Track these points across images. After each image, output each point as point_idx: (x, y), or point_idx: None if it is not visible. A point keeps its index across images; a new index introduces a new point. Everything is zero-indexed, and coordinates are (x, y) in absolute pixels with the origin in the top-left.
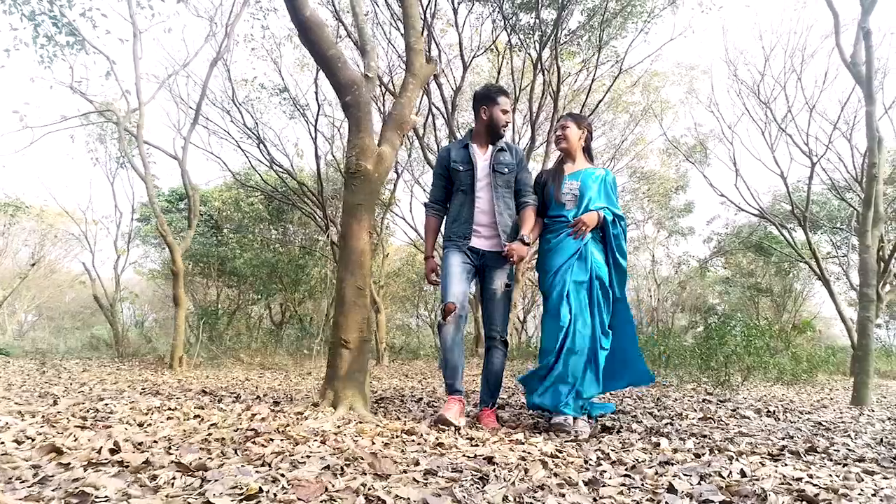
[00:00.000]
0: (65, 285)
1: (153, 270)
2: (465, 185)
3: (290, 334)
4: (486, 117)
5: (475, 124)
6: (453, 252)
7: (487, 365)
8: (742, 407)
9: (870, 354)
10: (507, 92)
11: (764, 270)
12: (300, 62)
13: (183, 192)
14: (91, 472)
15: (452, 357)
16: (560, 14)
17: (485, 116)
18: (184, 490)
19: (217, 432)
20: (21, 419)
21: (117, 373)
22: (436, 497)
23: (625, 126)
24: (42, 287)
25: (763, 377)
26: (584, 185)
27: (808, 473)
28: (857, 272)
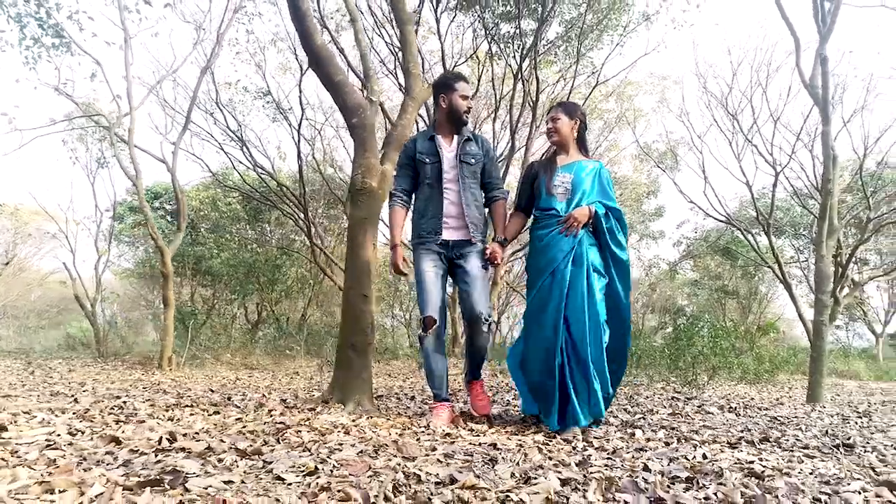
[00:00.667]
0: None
1: (127, 269)
2: (431, 177)
3: (268, 334)
4: (446, 105)
5: (437, 114)
6: (424, 258)
7: (472, 342)
8: (707, 404)
9: (823, 355)
10: (465, 77)
11: (731, 273)
12: (283, 66)
13: (158, 191)
14: (162, 456)
15: (437, 367)
16: (540, 26)
17: (444, 104)
18: (251, 469)
19: (248, 426)
20: (55, 415)
21: (106, 373)
22: (459, 473)
23: (599, 133)
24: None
25: (728, 376)
26: (577, 179)
27: (759, 458)
28: (813, 279)
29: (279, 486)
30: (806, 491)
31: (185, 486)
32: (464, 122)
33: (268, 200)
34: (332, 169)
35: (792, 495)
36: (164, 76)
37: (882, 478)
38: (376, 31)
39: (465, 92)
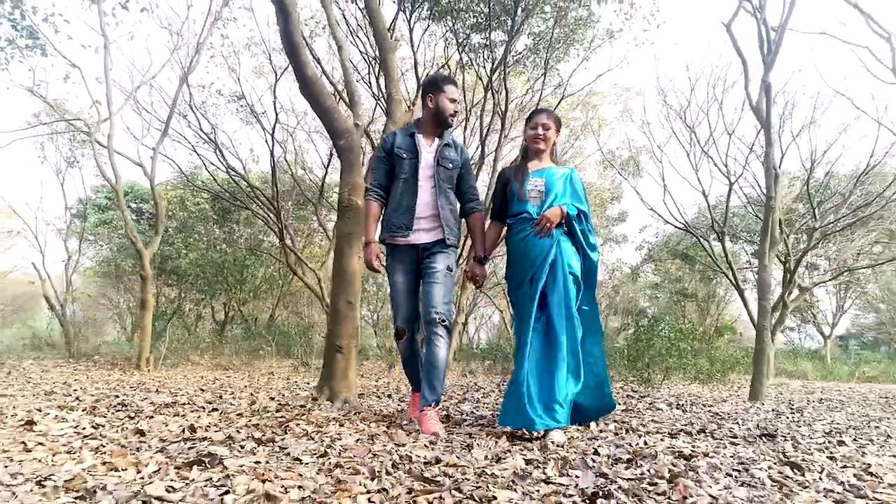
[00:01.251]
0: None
1: (88, 268)
2: (406, 173)
3: (237, 335)
4: (433, 106)
5: (422, 113)
6: (395, 268)
7: (428, 356)
8: (658, 401)
9: (764, 357)
10: (454, 81)
11: (690, 277)
12: (257, 70)
13: (125, 190)
14: (189, 444)
15: (415, 368)
16: (510, 39)
17: (431, 105)
18: (271, 453)
19: (252, 420)
20: (66, 412)
21: (83, 373)
22: (443, 454)
23: (565, 140)
24: None
25: (683, 376)
26: (549, 183)
27: (692, 445)
28: (756, 287)
29: (298, 466)
30: (722, 468)
31: (223, 465)
32: (448, 124)
33: (237, 201)
34: (303, 170)
35: (710, 471)
36: (142, 82)
37: (788, 460)
38: (350, 39)
39: (452, 95)
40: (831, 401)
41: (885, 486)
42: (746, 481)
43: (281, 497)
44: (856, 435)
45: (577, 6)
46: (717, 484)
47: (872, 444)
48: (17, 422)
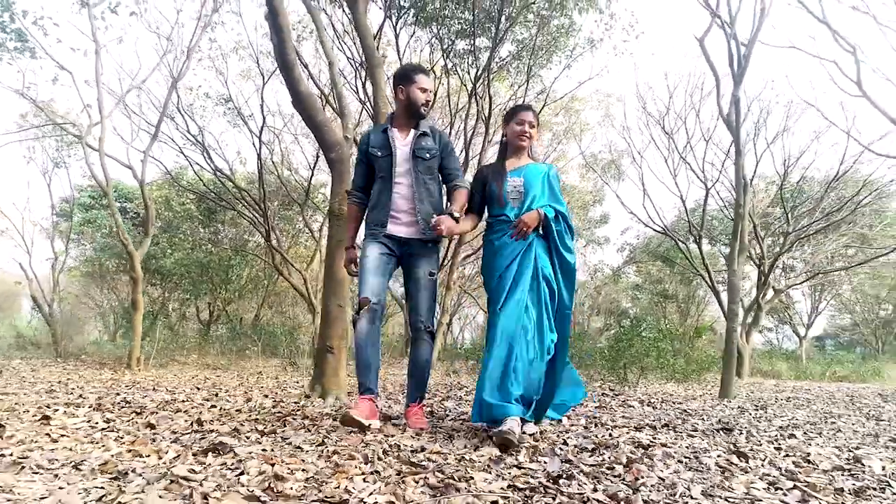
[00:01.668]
0: None
1: (73, 268)
2: (383, 171)
3: (222, 334)
4: (404, 97)
5: (395, 107)
6: (370, 243)
7: (414, 358)
8: (631, 399)
9: (733, 357)
10: (425, 70)
11: (671, 278)
12: (245, 73)
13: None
14: (199, 435)
15: (365, 354)
16: (494, 47)
17: (402, 97)
18: (274, 443)
19: (250, 415)
20: (74, 409)
21: (75, 372)
22: (427, 444)
23: (548, 144)
24: None
25: (660, 376)
26: (528, 182)
27: (653, 437)
28: (727, 291)
29: (300, 453)
30: (675, 456)
31: (234, 452)
32: (421, 114)
33: (222, 201)
34: (289, 171)
35: (664, 459)
36: (132, 87)
37: (737, 449)
38: (336, 43)
39: (424, 84)
40: (798, 399)
41: (819, 472)
42: (694, 467)
43: (288, 478)
44: (809, 429)
45: (559, 15)
46: (668, 468)
47: (821, 437)
48: (33, 417)
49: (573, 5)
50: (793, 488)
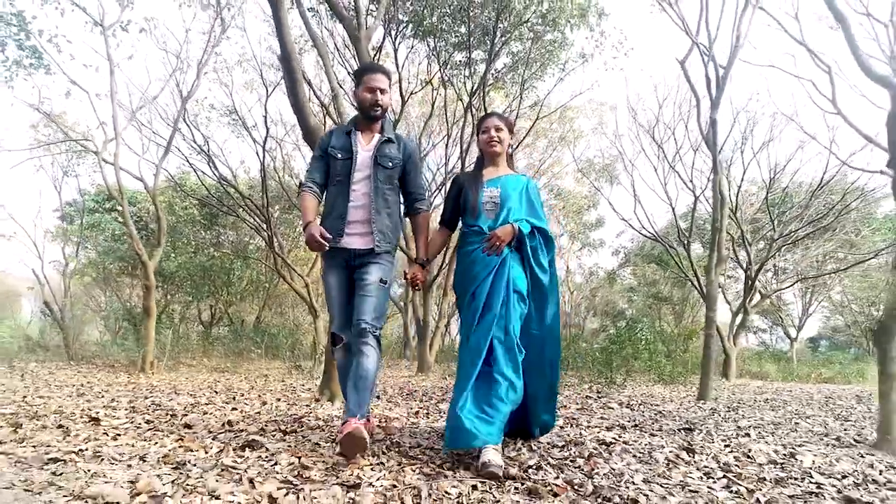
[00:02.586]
0: None
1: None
2: (341, 174)
3: (224, 337)
4: (355, 98)
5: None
6: (329, 271)
7: (356, 367)
8: (612, 401)
9: (711, 361)
10: (377, 68)
11: (665, 281)
12: (248, 85)
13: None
14: (233, 434)
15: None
16: (489, 62)
17: (354, 98)
18: (296, 440)
19: (270, 417)
20: (112, 410)
21: (92, 375)
22: (423, 441)
23: (543, 150)
24: None
25: (648, 378)
26: (505, 193)
27: (619, 435)
28: (704, 300)
29: (319, 448)
30: (631, 451)
31: (265, 447)
32: (371, 116)
33: (224, 206)
34: (290, 177)
35: (621, 454)
36: (144, 103)
37: (688, 446)
38: (337, 56)
39: (371, 83)
40: (775, 400)
41: (755, 465)
42: (645, 460)
43: (312, 467)
44: (769, 429)
45: (551, 30)
46: (622, 461)
47: (773, 437)
48: (83, 419)
49: (565, 22)
50: (722, 477)
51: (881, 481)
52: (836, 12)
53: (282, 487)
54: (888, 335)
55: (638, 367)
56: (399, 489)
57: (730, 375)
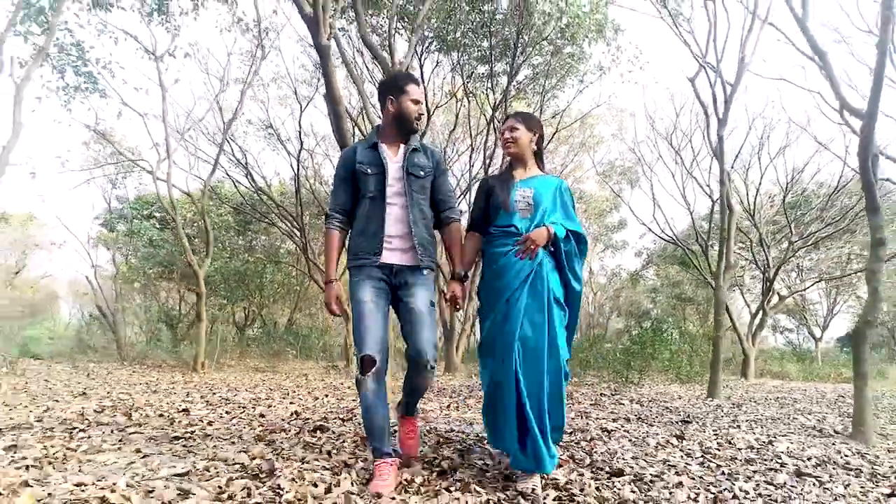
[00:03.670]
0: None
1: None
2: (373, 190)
3: (259, 337)
4: (395, 109)
5: (382, 119)
6: (361, 284)
7: (411, 382)
8: (624, 398)
9: (719, 362)
10: (417, 80)
11: (689, 281)
12: (283, 101)
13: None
14: (302, 421)
15: (377, 418)
16: (510, 75)
17: (392, 108)
18: (355, 425)
19: (326, 408)
20: (190, 404)
21: (149, 375)
22: (456, 427)
23: (565, 155)
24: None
25: (665, 378)
26: (538, 194)
27: (622, 425)
28: (713, 304)
29: None
30: (628, 437)
31: (332, 430)
32: (413, 129)
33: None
34: (320, 184)
35: (619, 438)
36: (192, 126)
37: (679, 434)
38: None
39: (415, 96)
40: (786, 399)
41: (733, 449)
42: (638, 444)
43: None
44: (764, 423)
45: (570, 44)
46: (618, 444)
47: (761, 428)
48: (179, 409)
49: (583, 37)
50: (700, 457)
51: (840, 462)
52: (815, 48)
53: (352, 457)
54: (861, 340)
55: (656, 367)
56: (439, 459)
57: (748, 375)
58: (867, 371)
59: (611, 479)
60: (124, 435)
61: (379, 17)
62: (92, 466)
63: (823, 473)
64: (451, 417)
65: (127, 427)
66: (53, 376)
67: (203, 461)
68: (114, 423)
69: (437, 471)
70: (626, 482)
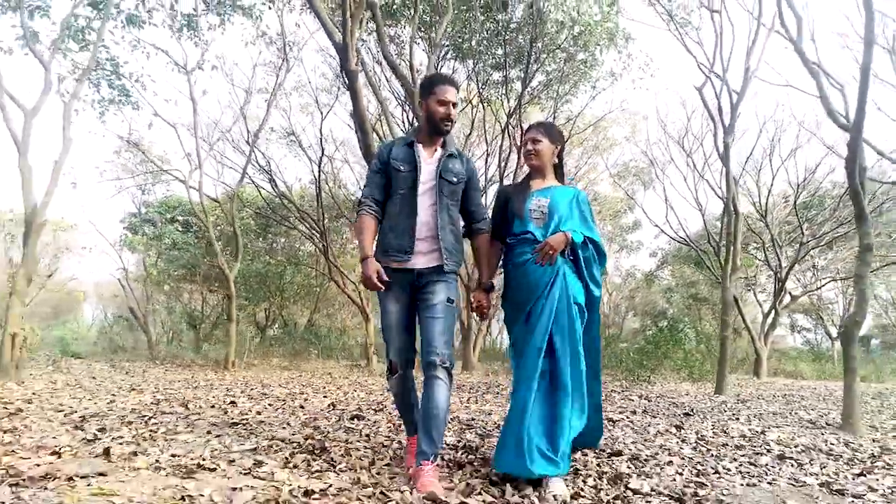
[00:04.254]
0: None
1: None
2: (404, 187)
3: (280, 337)
4: (424, 110)
5: (421, 120)
6: (390, 294)
7: (426, 401)
8: (633, 394)
9: (726, 360)
10: (449, 80)
11: (704, 281)
12: (304, 109)
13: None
14: (340, 410)
15: (406, 400)
16: (525, 81)
17: (423, 109)
18: (387, 414)
19: (357, 401)
20: (233, 397)
21: (184, 373)
22: (477, 416)
23: (579, 157)
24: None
25: (678, 377)
26: (554, 203)
27: (627, 417)
28: (721, 305)
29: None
30: (631, 427)
31: (367, 419)
32: (441, 130)
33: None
34: (338, 187)
35: (623, 427)
36: (220, 137)
37: (678, 424)
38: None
39: (443, 96)
40: (793, 396)
41: (726, 437)
42: (640, 432)
43: (402, 431)
44: (763, 416)
45: (582, 51)
46: (621, 432)
47: (758, 420)
48: (222, 402)
49: (595, 44)
50: (694, 443)
51: (824, 449)
52: (810, 69)
53: (387, 439)
54: (850, 339)
55: (669, 366)
56: (463, 442)
57: (760, 374)
58: (856, 367)
59: (610, 458)
60: (189, 421)
61: (396, 28)
62: (176, 444)
63: (804, 457)
64: (470, 408)
65: (188, 415)
66: (97, 374)
67: (265, 441)
68: (175, 412)
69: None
70: (623, 460)
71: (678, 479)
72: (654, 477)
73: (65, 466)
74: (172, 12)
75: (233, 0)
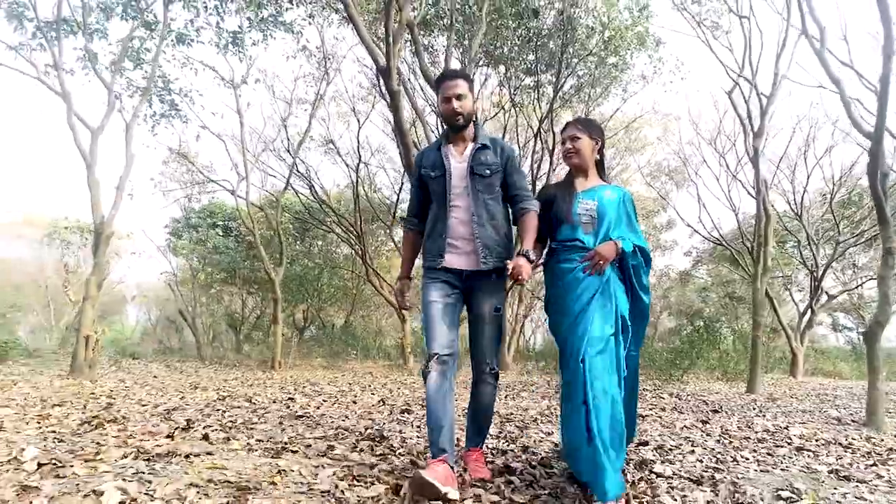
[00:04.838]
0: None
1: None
2: (437, 193)
3: (317, 338)
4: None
5: None
6: (432, 286)
7: (475, 399)
8: (664, 392)
9: (758, 360)
10: (449, 75)
11: (741, 280)
12: (342, 117)
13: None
14: (388, 407)
15: (436, 410)
16: (556, 87)
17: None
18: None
19: (406, 398)
20: (286, 394)
21: (234, 372)
22: (514, 411)
23: (611, 158)
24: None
25: (712, 375)
26: (602, 206)
27: (657, 413)
28: (752, 305)
29: None
30: (659, 421)
31: (414, 413)
32: (453, 126)
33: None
34: (373, 191)
35: (651, 422)
36: (266, 148)
37: (704, 419)
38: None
39: (447, 92)
40: (827, 395)
41: (750, 431)
42: (667, 426)
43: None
44: (789, 413)
45: (613, 55)
46: (650, 426)
47: (784, 417)
48: (285, 398)
49: (625, 48)
50: (718, 436)
51: (844, 444)
52: (831, 76)
53: None
54: (873, 338)
55: (703, 365)
56: (504, 433)
57: (797, 374)
58: (879, 366)
59: (637, 448)
60: (259, 414)
61: (430, 37)
62: (257, 432)
63: (822, 450)
64: (508, 405)
65: (255, 409)
66: (156, 373)
67: (331, 430)
68: (243, 406)
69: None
70: (649, 449)
71: (698, 466)
72: (676, 463)
73: (180, 446)
74: (219, 30)
75: (275, 16)
